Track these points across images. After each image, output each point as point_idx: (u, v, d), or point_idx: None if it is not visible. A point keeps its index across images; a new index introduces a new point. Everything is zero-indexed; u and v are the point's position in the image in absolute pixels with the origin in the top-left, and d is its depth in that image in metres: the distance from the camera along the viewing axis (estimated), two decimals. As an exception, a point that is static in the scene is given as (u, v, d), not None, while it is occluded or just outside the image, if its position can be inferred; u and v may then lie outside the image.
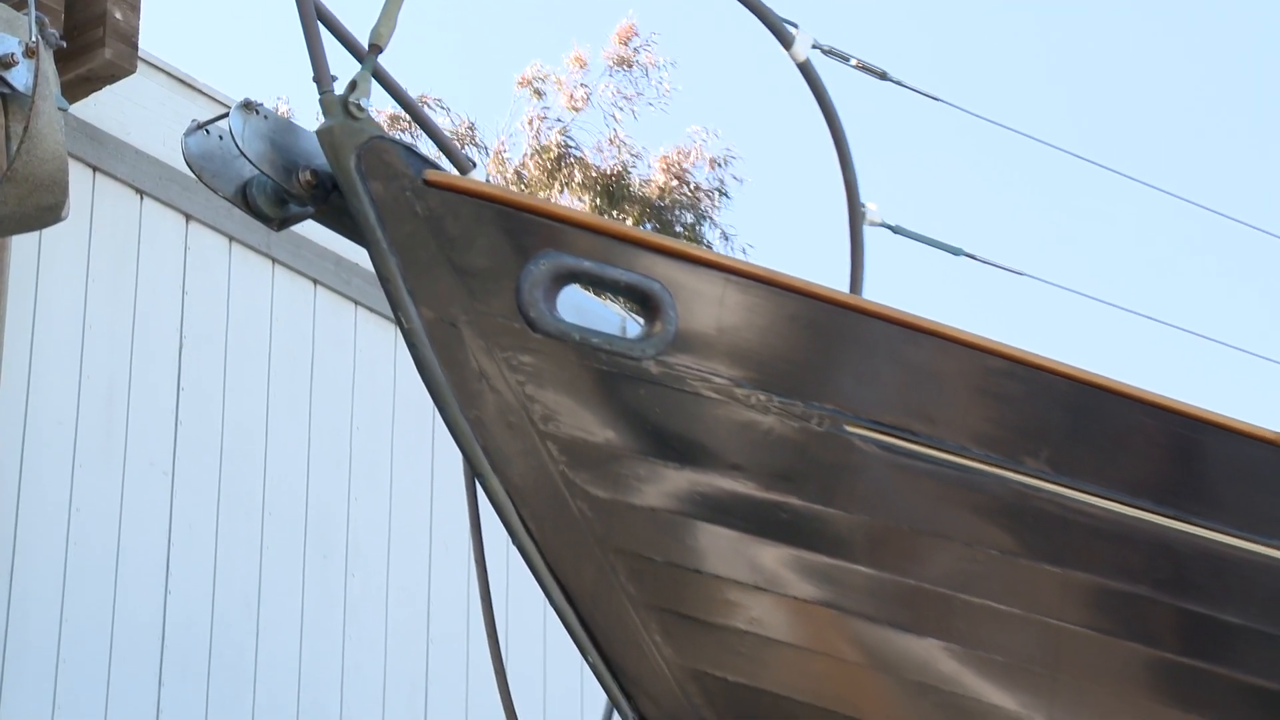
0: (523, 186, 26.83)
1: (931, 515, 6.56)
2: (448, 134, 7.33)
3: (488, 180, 6.34)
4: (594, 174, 27.86)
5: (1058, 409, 6.63)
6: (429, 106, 28.08)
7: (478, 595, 7.01)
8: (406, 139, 6.49)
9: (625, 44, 29.58)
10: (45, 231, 9.11)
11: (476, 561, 6.96)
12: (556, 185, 27.99)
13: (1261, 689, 6.74)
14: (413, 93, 6.44)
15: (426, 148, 15.44)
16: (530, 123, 29.29)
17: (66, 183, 6.12)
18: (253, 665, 9.95)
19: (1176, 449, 6.78)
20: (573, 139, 28.62)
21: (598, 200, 27.60)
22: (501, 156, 28.81)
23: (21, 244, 9.26)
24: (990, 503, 6.58)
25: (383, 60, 6.15)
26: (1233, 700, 6.76)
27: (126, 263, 9.97)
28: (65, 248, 9.70)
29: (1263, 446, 6.77)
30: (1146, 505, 6.66)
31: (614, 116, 29.09)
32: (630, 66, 29.20)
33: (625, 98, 29.13)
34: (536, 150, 28.69)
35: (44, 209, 6.13)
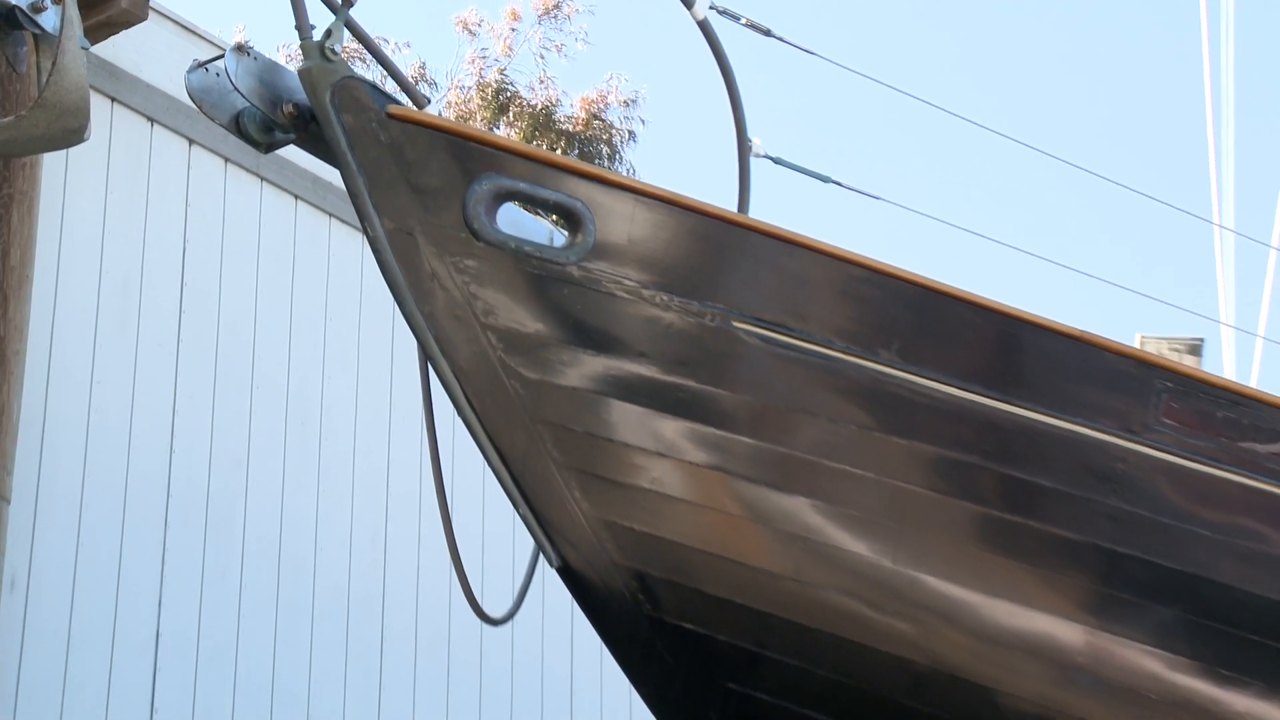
0: (466, 118, 26.75)
1: (801, 396, 6.58)
2: (406, 74, 7.33)
3: (439, 115, 6.31)
4: (526, 109, 27.75)
5: (905, 309, 6.65)
6: (391, 49, 28.09)
7: (429, 458, 7.03)
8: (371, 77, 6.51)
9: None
10: (70, 151, 9.13)
11: (428, 430, 6.98)
12: (495, 118, 27.89)
13: (1066, 539, 6.80)
14: (374, 34, 6.47)
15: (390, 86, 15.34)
16: (473, 62, 29.24)
17: (88, 110, 6.11)
18: (242, 513, 9.96)
19: (1001, 343, 6.81)
20: (509, 79, 28.51)
21: (529, 132, 27.53)
22: (451, 93, 28.68)
23: (51, 161, 9.23)
24: (849, 386, 6.61)
25: (353, 12, 6.17)
26: (1042, 548, 6.81)
27: (139, 178, 9.93)
28: (88, 165, 9.66)
29: (1070, 341, 6.81)
30: (977, 389, 6.69)
31: (540, 58, 29.02)
32: (556, 15, 29.07)
33: (554, 45, 29.08)
34: (479, 86, 28.58)
35: (69, 131, 6.13)
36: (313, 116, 6.19)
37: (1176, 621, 6.91)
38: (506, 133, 26.72)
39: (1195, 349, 9.63)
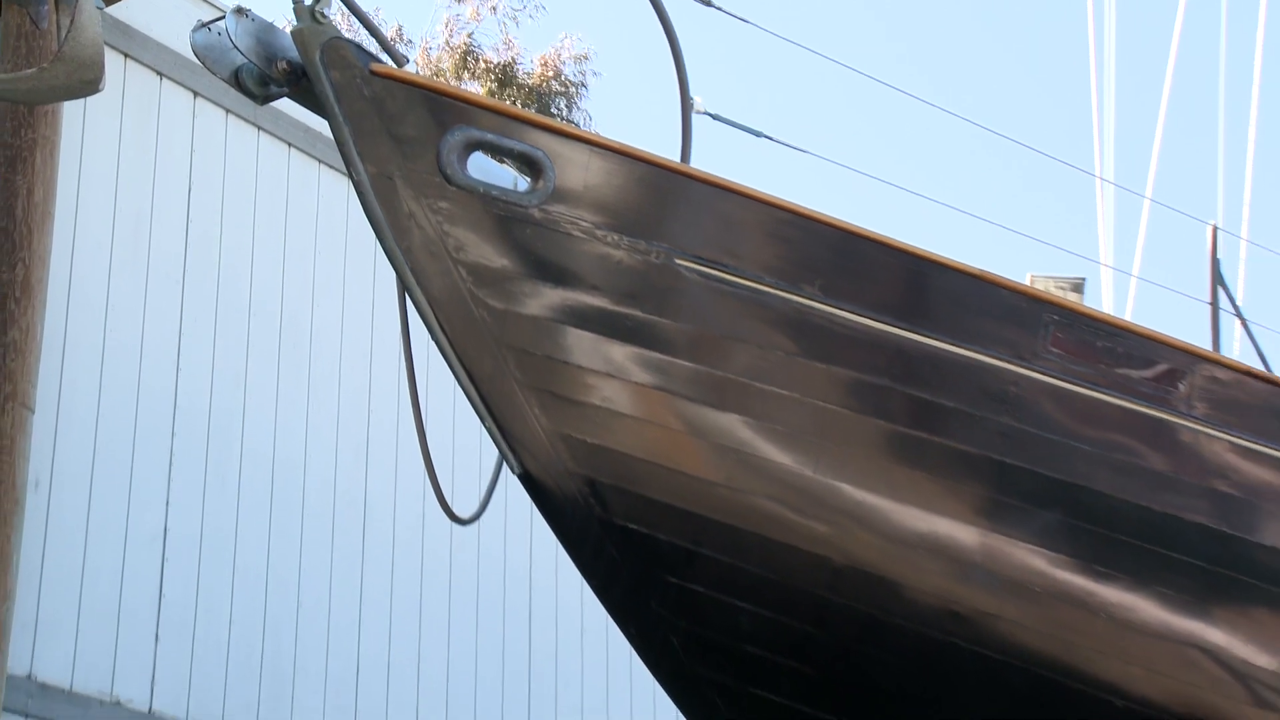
0: (440, 75, 26.65)
1: (735, 325, 6.58)
2: (387, 35, 7.31)
3: (417, 72, 6.30)
4: (492, 67, 27.62)
5: (826, 250, 6.65)
6: (374, 14, 28.06)
7: (405, 377, 7.00)
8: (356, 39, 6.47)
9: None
10: (88, 101, 9.07)
11: (405, 352, 6.95)
12: (465, 75, 27.77)
13: (964, 452, 6.82)
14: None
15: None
16: (446, 25, 29.12)
17: (103, 64, 6.08)
18: (240, 424, 9.95)
19: (910, 280, 6.82)
20: (476, 41, 28.35)
21: (494, 87, 27.42)
22: (426, 53, 28.54)
23: (70, 110, 9.16)
24: (777, 317, 6.60)
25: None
26: (943, 460, 6.82)
27: (148, 127, 9.87)
28: (103, 114, 9.61)
29: (969, 279, 6.82)
30: (888, 320, 6.70)
31: (504, 26, 28.84)
32: None
33: (517, 9, 28.91)
34: (450, 48, 28.42)
35: (85, 82, 6.11)
36: (304, 73, 6.19)
37: (1058, 525, 6.95)
38: (471, 87, 26.63)
39: (1078, 287, 9.64)
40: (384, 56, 6.37)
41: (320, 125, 7.29)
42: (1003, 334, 6.87)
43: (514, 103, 25.55)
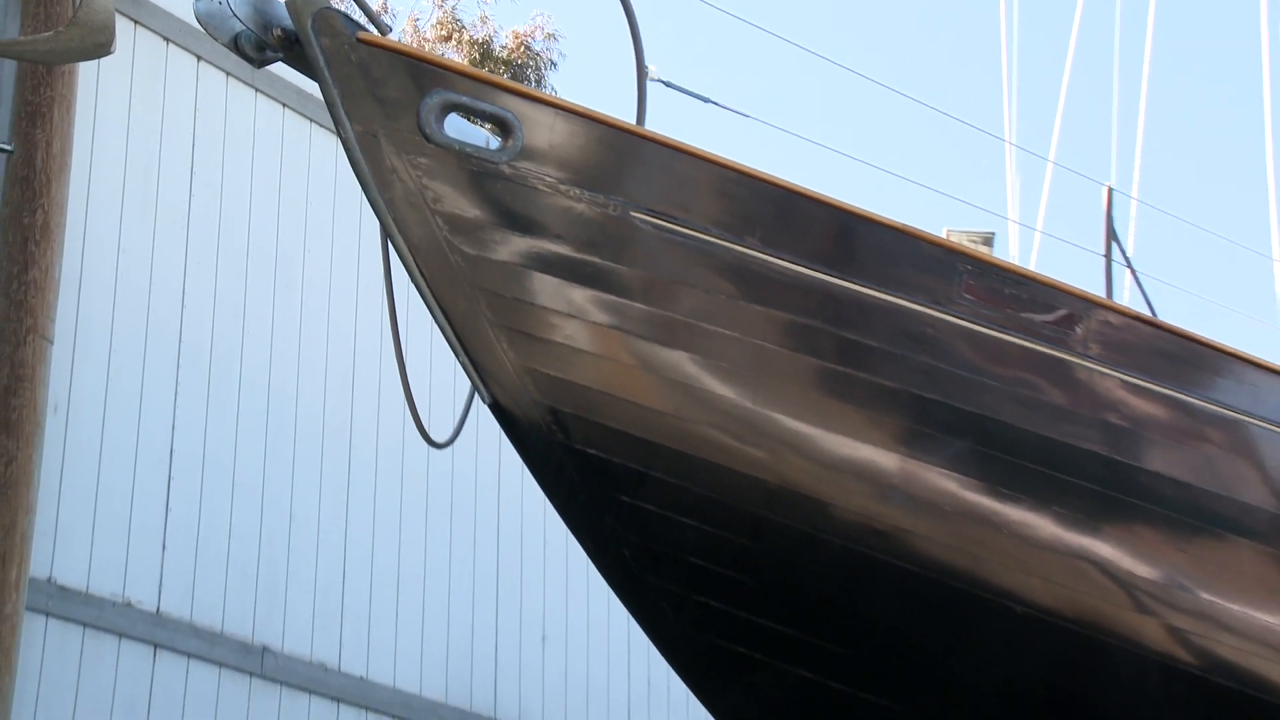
0: (424, 45, 26.51)
1: (683, 272, 6.57)
2: (373, 7, 7.30)
3: (399, 40, 6.28)
4: (472, 40, 27.47)
5: (766, 205, 6.65)
6: None
7: (388, 316, 6.96)
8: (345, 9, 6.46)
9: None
10: (101, 63, 9.04)
11: (387, 293, 6.91)
12: (450, 46, 27.62)
13: (887, 387, 6.83)
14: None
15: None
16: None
17: (114, 29, 6.08)
18: (239, 354, 9.94)
19: (840, 233, 6.83)
20: (459, 17, 28.14)
21: (477, 58, 27.28)
22: (414, 25, 28.35)
23: (85, 70, 9.14)
24: (721, 265, 6.60)
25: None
26: (868, 394, 6.84)
27: (156, 87, 9.82)
28: (115, 75, 9.57)
29: (893, 232, 6.85)
30: (821, 269, 6.70)
31: (482, 5, 28.63)
32: None
33: None
34: (438, 21, 28.23)
35: (97, 45, 6.09)
36: (297, 40, 6.17)
37: (968, 451, 6.98)
38: (455, 57, 26.55)
39: (988, 240, 9.66)
40: (369, 26, 6.34)
41: (312, 88, 7.23)
42: (921, 282, 6.88)
43: (490, 72, 25.55)
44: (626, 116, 6.65)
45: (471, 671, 10.74)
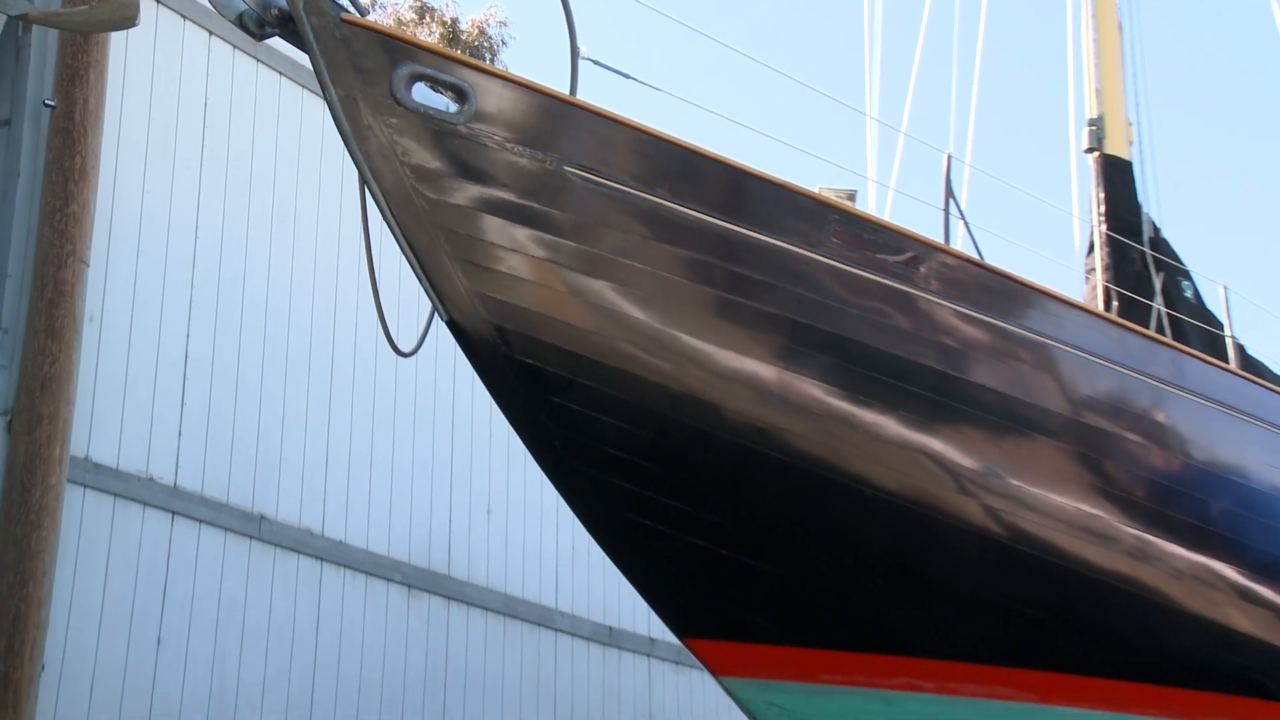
0: (400, 26, 26.15)
1: (607, 217, 6.56)
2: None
3: (376, 21, 6.17)
4: (440, 23, 27.09)
5: (673, 162, 6.65)
6: None
7: (364, 247, 6.89)
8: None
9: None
10: (129, 34, 8.85)
11: (363, 229, 6.85)
12: (423, 28, 27.22)
13: (768, 312, 6.85)
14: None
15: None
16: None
17: (138, 4, 6.02)
18: (243, 277, 9.82)
19: (734, 187, 6.83)
20: (429, 3, 27.70)
21: (445, 35, 26.91)
22: (393, 10, 27.92)
23: (116, 40, 8.94)
24: (637, 212, 6.61)
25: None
26: (753, 318, 6.87)
27: (174, 57, 9.66)
28: (141, 46, 9.42)
29: (776, 187, 6.87)
30: (717, 215, 6.70)
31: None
32: None
33: None
34: (412, 7, 27.79)
35: (124, 19, 5.99)
36: (291, 18, 6.11)
37: (833, 365, 7.03)
38: (424, 37, 26.23)
39: (851, 196, 9.65)
40: (351, 8, 6.24)
41: (303, 59, 7.11)
42: (798, 228, 6.89)
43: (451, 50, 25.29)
44: (562, 88, 6.63)
45: (429, 537, 10.74)
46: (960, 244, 8.06)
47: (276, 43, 6.52)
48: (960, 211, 8.35)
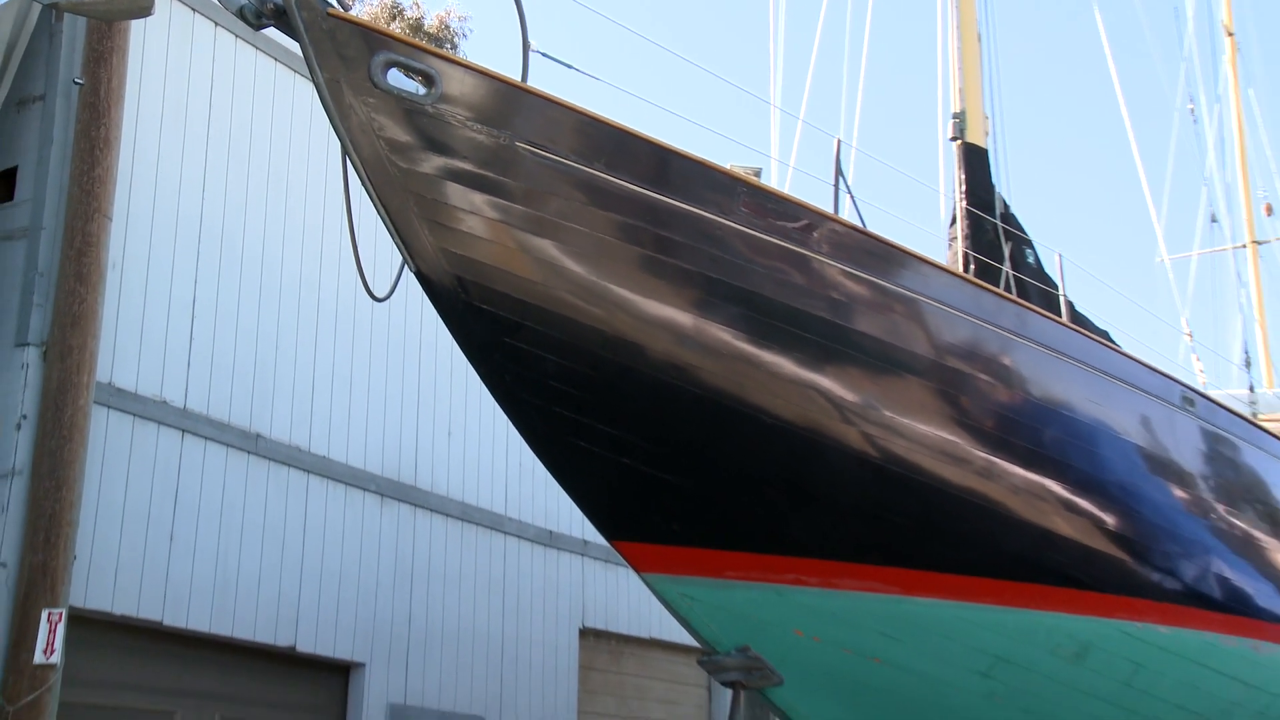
0: (377, 19, 25.71)
1: (551, 185, 6.50)
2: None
3: (357, 15, 6.04)
4: (409, 18, 26.64)
5: (608, 141, 6.60)
6: None
7: (344, 208, 6.79)
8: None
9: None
10: (146, 23, 8.71)
11: (344, 190, 6.74)
12: (395, 24, 26.77)
13: (687, 269, 6.82)
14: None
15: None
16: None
17: None
18: (242, 234, 9.67)
19: (660, 163, 6.77)
20: (399, 2, 27.21)
21: (408, 31, 26.46)
22: (370, 9, 27.41)
23: (136, 28, 8.76)
24: (577, 182, 6.55)
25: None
26: (675, 274, 6.84)
27: (185, 43, 9.49)
28: (156, 33, 9.24)
29: (696, 164, 6.83)
30: (645, 186, 6.65)
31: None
32: None
33: None
34: (384, 6, 27.29)
35: (141, 8, 5.90)
36: (284, 11, 5.97)
37: (740, 314, 7.03)
38: (396, 29, 25.79)
39: (758, 172, 9.59)
40: (335, 4, 6.12)
41: (295, 47, 6.98)
42: (714, 198, 6.86)
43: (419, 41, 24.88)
44: (515, 77, 6.53)
45: (399, 454, 10.69)
46: (847, 215, 8.06)
47: (272, 33, 6.41)
48: (848, 187, 8.35)
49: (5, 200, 8.40)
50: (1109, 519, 8.21)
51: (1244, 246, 19.94)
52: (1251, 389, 15.00)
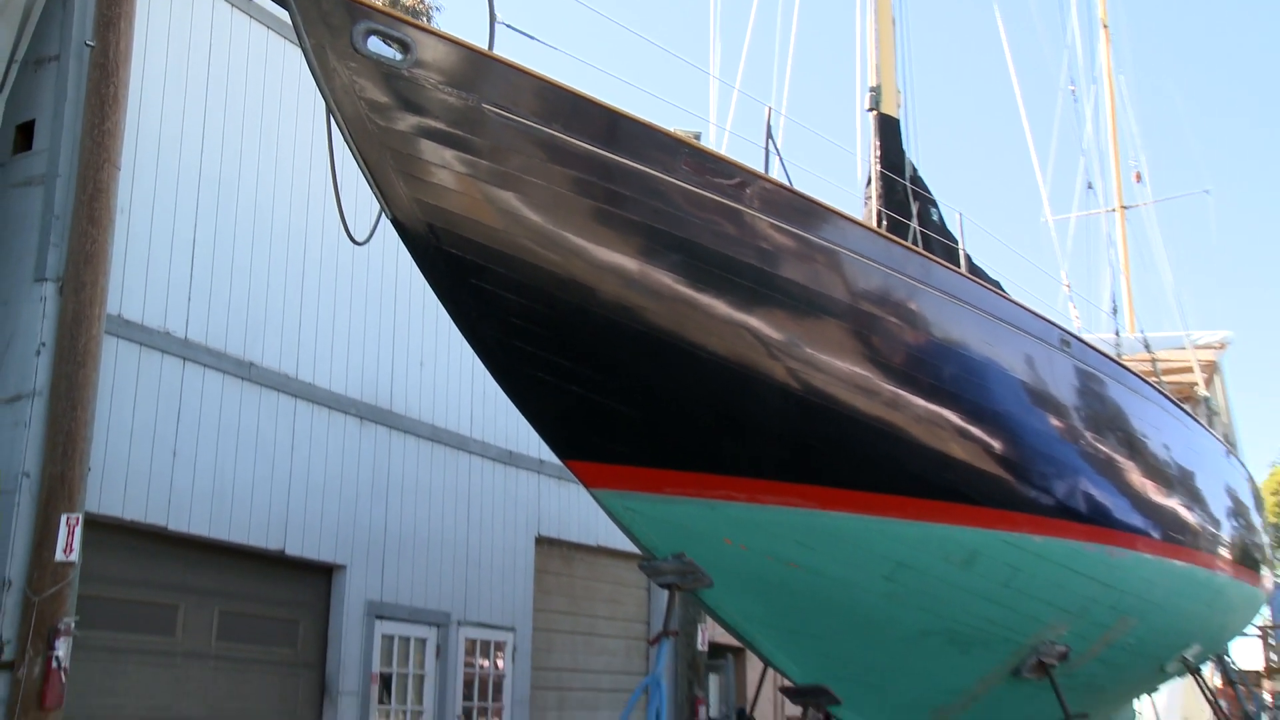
0: None
1: (514, 143, 6.42)
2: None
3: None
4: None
5: (565, 105, 6.52)
6: None
7: (328, 162, 6.68)
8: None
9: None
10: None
11: (328, 148, 6.63)
12: None
13: (634, 220, 6.79)
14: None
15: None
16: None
17: None
18: (237, 185, 9.51)
19: (611, 125, 6.72)
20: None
21: (389, 4, 25.92)
22: None
23: (141, 5, 8.53)
24: (537, 141, 6.47)
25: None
26: (622, 224, 6.80)
27: (186, 12, 9.31)
28: (159, 8, 8.88)
29: (645, 127, 6.78)
30: (598, 145, 6.59)
31: None
32: None
33: None
34: None
35: None
36: None
37: (680, 261, 7.00)
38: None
39: (697, 135, 9.50)
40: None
41: (285, 16, 6.83)
42: (659, 157, 6.82)
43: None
44: (483, 45, 6.42)
45: (376, 381, 10.64)
46: (776, 175, 8.05)
47: (265, 3, 6.26)
48: (777, 150, 8.32)
49: (24, 150, 8.24)
50: (996, 444, 8.34)
51: (1114, 210, 20.22)
52: (1117, 334, 15.25)
